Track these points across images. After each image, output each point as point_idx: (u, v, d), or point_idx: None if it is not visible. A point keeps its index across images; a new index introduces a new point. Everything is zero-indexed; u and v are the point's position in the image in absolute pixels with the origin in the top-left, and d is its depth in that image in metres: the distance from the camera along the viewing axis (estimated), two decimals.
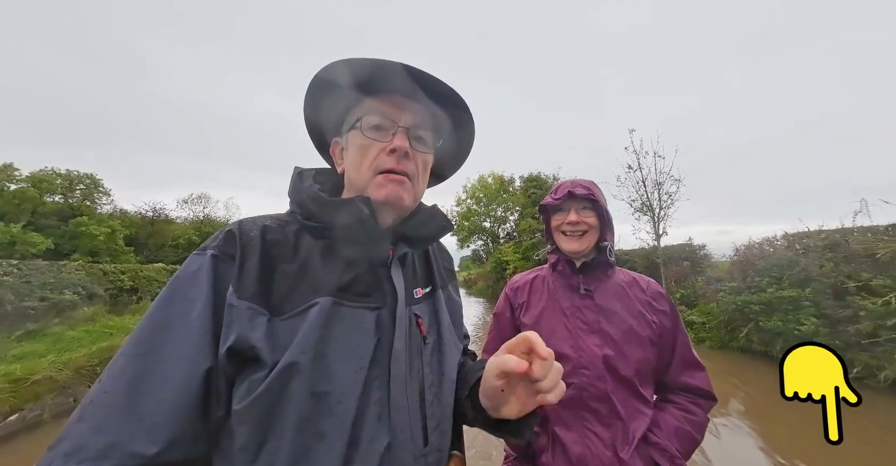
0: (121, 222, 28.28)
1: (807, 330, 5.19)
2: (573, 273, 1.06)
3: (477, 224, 26.70)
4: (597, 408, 0.93)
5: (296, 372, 0.45)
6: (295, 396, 0.45)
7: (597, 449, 0.90)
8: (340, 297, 0.52)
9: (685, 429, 0.93)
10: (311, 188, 0.58)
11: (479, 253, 27.86)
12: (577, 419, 0.94)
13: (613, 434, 0.91)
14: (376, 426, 0.49)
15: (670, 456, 0.88)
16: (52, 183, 29.63)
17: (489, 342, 1.17)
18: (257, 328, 0.46)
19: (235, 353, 0.45)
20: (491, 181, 25.88)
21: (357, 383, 0.49)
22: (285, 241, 0.55)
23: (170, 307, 0.47)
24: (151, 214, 30.01)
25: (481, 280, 21.84)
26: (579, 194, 1.02)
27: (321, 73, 0.60)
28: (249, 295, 0.48)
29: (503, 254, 17.28)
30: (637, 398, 0.95)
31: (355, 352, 0.50)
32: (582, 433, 0.93)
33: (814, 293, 5.40)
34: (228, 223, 0.56)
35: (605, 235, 1.05)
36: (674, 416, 0.95)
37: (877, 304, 4.55)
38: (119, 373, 0.43)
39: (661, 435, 0.92)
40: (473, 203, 26.87)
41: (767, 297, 5.93)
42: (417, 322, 0.60)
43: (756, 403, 4.44)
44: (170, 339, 0.45)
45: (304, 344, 0.46)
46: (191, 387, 0.43)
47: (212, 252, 0.50)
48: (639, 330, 0.98)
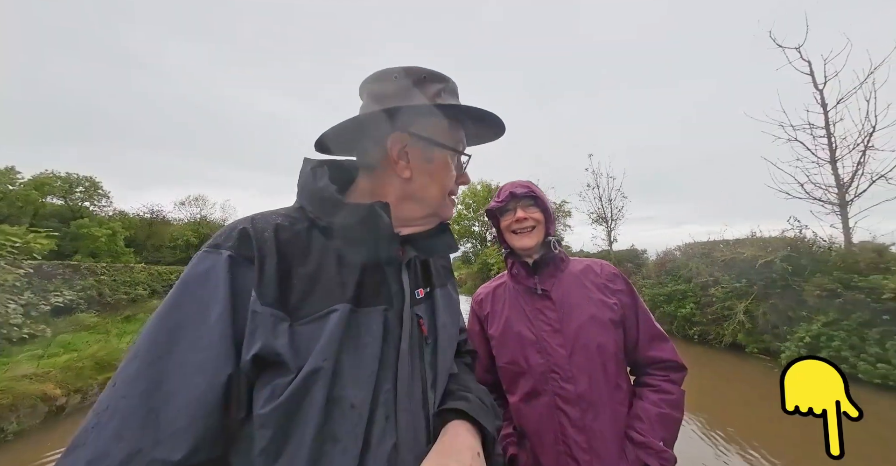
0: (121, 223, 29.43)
1: (686, 312, 7.67)
2: (528, 275, 1.08)
3: (466, 228, 29.26)
4: (570, 413, 0.94)
5: (318, 378, 0.46)
6: (316, 401, 0.46)
7: (576, 456, 0.91)
8: (356, 302, 0.53)
9: (665, 413, 0.94)
10: (328, 189, 0.57)
11: (468, 255, 30.28)
12: (553, 428, 0.95)
13: (590, 437, 0.92)
14: (384, 426, 0.51)
15: (657, 453, 0.89)
16: (52, 185, 30.70)
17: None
18: (281, 334, 0.47)
19: (260, 359, 0.46)
20: (480, 189, 28.47)
21: (369, 386, 0.50)
22: (298, 240, 0.55)
23: (183, 309, 0.47)
24: (150, 215, 30.68)
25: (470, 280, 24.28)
26: (520, 194, 1.07)
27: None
28: (271, 301, 0.48)
29: (488, 256, 19.77)
30: (611, 390, 0.96)
31: (368, 355, 0.52)
32: (560, 442, 0.94)
33: (694, 287, 7.90)
34: (231, 220, 0.54)
35: (550, 229, 1.10)
36: (652, 402, 0.96)
37: (720, 292, 7.06)
38: (135, 378, 0.43)
39: (645, 430, 0.92)
40: (464, 208, 29.39)
41: (668, 290, 8.42)
42: (419, 323, 0.62)
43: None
44: (186, 343, 0.45)
45: (325, 351, 0.48)
46: (213, 394, 0.43)
47: (228, 253, 0.49)
48: (600, 316, 1.00)
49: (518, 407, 1.02)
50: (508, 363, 1.04)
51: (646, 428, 0.92)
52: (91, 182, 32.14)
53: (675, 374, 1.01)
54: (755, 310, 6.46)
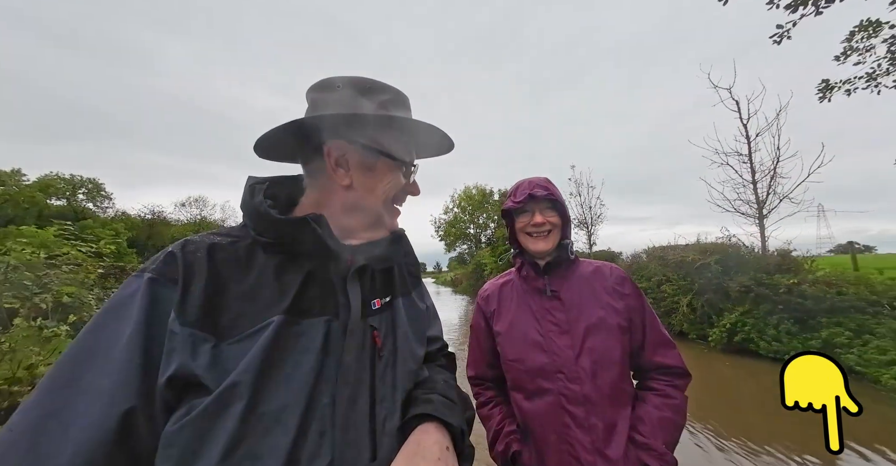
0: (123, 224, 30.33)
1: None
2: (538, 275, 1.09)
3: (462, 230, 30.73)
4: (575, 413, 0.95)
5: (236, 394, 0.45)
6: (232, 417, 0.44)
7: (580, 456, 0.92)
8: (292, 314, 0.52)
9: (668, 416, 0.96)
10: (262, 206, 0.57)
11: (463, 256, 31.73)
12: (557, 427, 0.96)
13: (594, 438, 0.93)
14: (318, 442, 0.48)
15: (659, 454, 0.90)
16: (56, 187, 31.62)
17: (471, 355, 1.20)
18: (201, 355, 0.45)
19: (176, 381, 0.44)
20: (475, 193, 29.98)
21: (300, 400, 0.48)
22: (236, 259, 0.54)
23: (98, 334, 0.45)
24: (150, 216, 31.59)
25: (465, 280, 25.73)
26: (540, 196, 1.05)
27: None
28: (192, 321, 0.47)
29: (482, 257, 21.22)
30: (616, 393, 0.97)
31: (301, 368, 0.50)
32: (563, 441, 0.94)
33: (652, 285, 9.38)
34: (230, 222, 0.93)
35: (566, 232, 1.10)
36: (655, 406, 0.97)
37: (670, 289, 8.56)
38: (29, 408, 0.41)
39: (647, 432, 0.93)
40: (460, 212, 30.90)
41: None
42: (373, 334, 0.60)
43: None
44: (92, 370, 0.42)
45: (248, 365, 0.46)
46: (106, 425, 0.40)
47: (149, 275, 0.49)
48: (609, 320, 1.01)
49: (522, 404, 1.03)
50: (513, 361, 1.05)
51: (648, 430, 0.94)
52: (94, 184, 33.22)
53: (680, 380, 1.02)
54: (696, 303, 7.93)
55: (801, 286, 6.31)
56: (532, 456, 0.99)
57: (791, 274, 6.74)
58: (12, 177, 28.29)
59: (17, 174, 29.24)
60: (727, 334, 6.81)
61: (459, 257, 32.73)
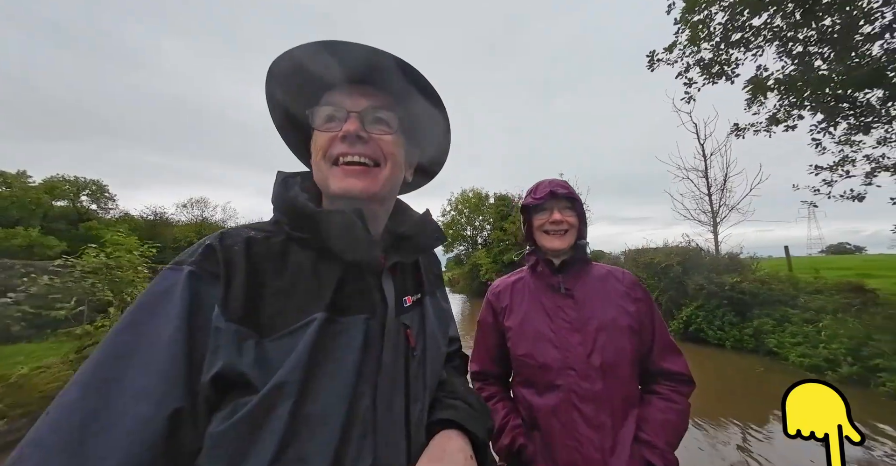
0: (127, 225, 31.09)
1: None
2: (552, 273, 1.11)
3: (459, 232, 32.00)
4: (584, 410, 0.96)
5: (284, 393, 0.44)
6: (279, 418, 0.43)
7: (587, 453, 0.94)
8: (332, 311, 0.52)
9: (671, 419, 0.98)
10: (298, 198, 0.56)
11: (460, 257, 32.97)
12: (566, 423, 0.97)
13: (602, 436, 0.95)
14: (361, 445, 0.48)
15: (661, 452, 0.93)
16: (62, 189, 32.38)
17: (476, 351, 1.22)
18: (246, 352, 0.45)
19: (221, 380, 0.43)
20: (472, 196, 31.31)
21: (343, 401, 0.48)
22: (272, 254, 0.54)
23: (136, 329, 0.44)
24: (153, 217, 32.28)
25: (462, 280, 26.99)
26: (561, 194, 1.09)
27: (274, 67, 0.58)
28: (238, 317, 0.47)
29: (478, 258, 22.46)
30: (624, 393, 1.00)
31: (345, 367, 0.50)
32: (571, 437, 0.96)
33: None
34: (231, 222, 0.96)
35: (583, 232, 1.13)
36: (659, 409, 1.00)
37: None
38: (71, 406, 0.39)
39: (650, 431, 0.96)
40: (456, 214, 32.17)
41: None
42: (406, 332, 0.61)
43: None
44: (133, 368, 0.41)
45: (295, 364, 0.46)
46: (154, 427, 0.39)
47: (189, 269, 0.48)
48: (620, 321, 1.03)
49: (531, 399, 1.05)
50: (524, 356, 1.08)
51: (651, 430, 0.97)
52: (98, 185, 34.05)
53: (685, 387, 1.05)
54: (661, 299, 9.19)
55: (742, 284, 7.60)
56: (538, 451, 1.01)
57: (737, 274, 8.03)
58: (18, 179, 29.03)
59: (23, 176, 29.99)
60: (683, 325, 8.07)
61: (456, 258, 33.95)
